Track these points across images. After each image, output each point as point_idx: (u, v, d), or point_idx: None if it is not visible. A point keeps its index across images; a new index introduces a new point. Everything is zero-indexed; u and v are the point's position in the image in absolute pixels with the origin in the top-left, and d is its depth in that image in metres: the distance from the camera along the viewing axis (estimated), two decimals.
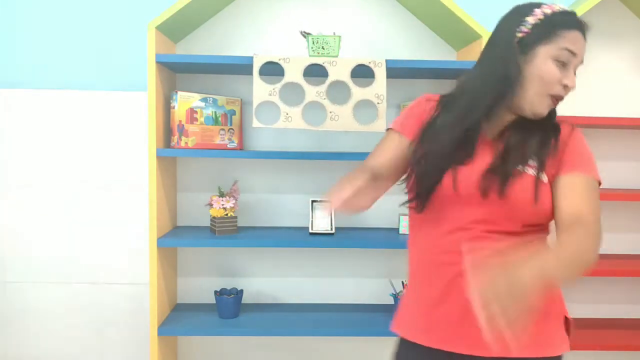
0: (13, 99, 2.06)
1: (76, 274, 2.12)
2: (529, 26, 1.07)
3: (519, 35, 1.08)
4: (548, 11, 1.07)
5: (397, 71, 1.90)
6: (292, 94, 1.94)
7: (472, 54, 1.86)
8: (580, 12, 1.81)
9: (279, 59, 1.75)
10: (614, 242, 2.15)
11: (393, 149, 1.16)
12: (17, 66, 2.08)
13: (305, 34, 1.83)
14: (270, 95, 1.76)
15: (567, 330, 1.14)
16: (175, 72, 2.04)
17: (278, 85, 1.76)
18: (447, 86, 2.09)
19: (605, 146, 2.12)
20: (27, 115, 2.07)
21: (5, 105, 2.06)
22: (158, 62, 1.79)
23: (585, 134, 2.11)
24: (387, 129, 1.21)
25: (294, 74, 1.75)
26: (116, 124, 2.08)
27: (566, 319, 1.14)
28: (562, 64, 1.04)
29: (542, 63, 1.04)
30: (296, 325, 1.91)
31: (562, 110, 2.08)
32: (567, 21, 1.05)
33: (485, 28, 1.77)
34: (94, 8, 2.07)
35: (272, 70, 1.81)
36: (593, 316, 2.18)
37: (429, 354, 1.12)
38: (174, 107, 1.86)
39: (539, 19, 1.06)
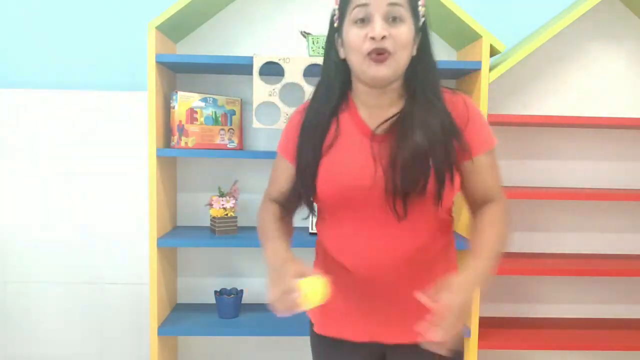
0: (13, 99, 2.06)
1: (76, 274, 2.12)
2: (336, 11, 1.08)
3: (335, 25, 1.08)
4: None
5: None
6: (292, 94, 1.94)
7: (472, 54, 1.86)
8: (580, 12, 1.81)
9: (279, 59, 1.75)
10: (614, 242, 2.15)
11: (285, 176, 1.20)
12: (17, 66, 2.08)
13: (305, 34, 1.83)
14: (270, 95, 1.76)
15: None
16: (175, 72, 2.04)
17: (278, 86, 1.76)
18: (447, 86, 2.09)
19: (605, 146, 2.12)
20: (27, 115, 2.07)
21: (5, 105, 2.06)
22: (158, 62, 1.79)
23: (586, 134, 2.11)
24: (277, 152, 1.23)
25: (294, 74, 1.75)
26: (116, 124, 2.08)
27: None
28: (362, 21, 1.01)
29: (347, 34, 1.03)
30: (296, 325, 1.91)
31: (562, 110, 2.09)
32: None
33: (485, 28, 1.77)
34: (94, 8, 2.07)
35: (272, 70, 1.81)
36: (592, 316, 2.18)
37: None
38: (174, 107, 1.86)
39: (339, 0, 1.07)
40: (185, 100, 1.86)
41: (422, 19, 1.06)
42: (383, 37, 0.98)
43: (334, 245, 1.16)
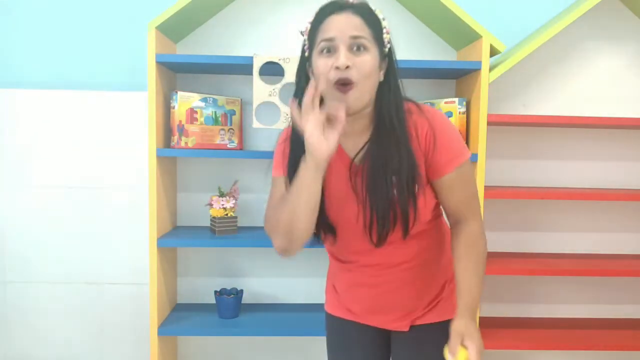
0: (13, 99, 2.06)
1: (76, 274, 2.12)
2: (305, 42, 1.13)
3: (306, 54, 1.13)
4: (311, 19, 1.11)
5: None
6: (292, 94, 1.93)
7: (472, 54, 1.86)
8: (580, 12, 1.81)
9: (279, 59, 1.75)
10: (614, 242, 2.15)
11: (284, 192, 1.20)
12: (17, 66, 2.08)
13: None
14: (270, 95, 1.76)
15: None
16: (175, 72, 2.04)
17: (278, 86, 1.76)
18: (447, 86, 2.09)
19: (605, 146, 2.12)
20: (27, 115, 2.07)
21: (5, 105, 2.06)
22: (158, 62, 1.78)
23: (586, 134, 2.11)
24: (273, 177, 1.25)
25: (294, 74, 1.75)
26: (116, 124, 2.08)
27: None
28: (328, 51, 1.06)
29: (315, 63, 1.08)
30: (296, 325, 1.91)
31: (562, 110, 2.09)
32: (319, 16, 1.08)
33: (485, 28, 1.77)
34: (94, 8, 2.07)
35: (272, 70, 1.81)
36: (592, 316, 2.18)
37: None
38: (174, 107, 1.86)
39: (308, 30, 1.11)
40: (185, 100, 1.86)
41: (388, 46, 1.11)
42: (347, 67, 1.03)
43: (336, 253, 1.28)
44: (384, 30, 1.10)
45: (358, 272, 1.25)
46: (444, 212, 1.24)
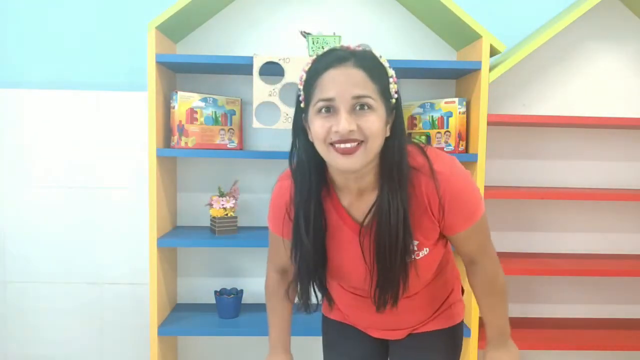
0: (13, 99, 2.06)
1: (76, 274, 2.12)
2: (300, 93, 1.02)
3: (302, 105, 1.02)
4: (307, 67, 0.99)
5: (397, 71, 1.87)
6: (292, 94, 1.93)
7: (472, 54, 1.86)
8: (580, 12, 1.81)
9: (279, 59, 1.75)
10: (614, 242, 2.15)
11: (284, 249, 1.15)
12: (17, 66, 2.08)
13: (305, 34, 1.83)
14: (270, 95, 1.76)
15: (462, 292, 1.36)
16: (175, 72, 2.04)
17: (278, 86, 1.76)
18: (447, 86, 2.09)
19: (605, 146, 2.12)
20: (28, 115, 2.07)
21: (6, 105, 2.06)
22: (158, 62, 1.78)
23: (587, 134, 2.11)
24: (270, 232, 1.21)
25: (294, 74, 1.75)
26: (116, 124, 2.08)
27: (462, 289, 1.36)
28: (327, 111, 0.95)
29: (312, 122, 0.97)
30: (296, 325, 1.91)
31: (562, 110, 2.09)
32: (317, 70, 0.96)
33: (485, 28, 1.77)
34: (94, 8, 2.07)
35: (272, 70, 1.81)
36: (592, 316, 2.17)
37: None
38: (174, 107, 1.86)
39: (303, 81, 1.00)
40: (185, 100, 1.85)
41: (395, 96, 1.01)
42: (351, 132, 0.93)
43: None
44: (391, 81, 1.00)
45: (360, 300, 1.21)
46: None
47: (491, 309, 1.16)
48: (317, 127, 0.95)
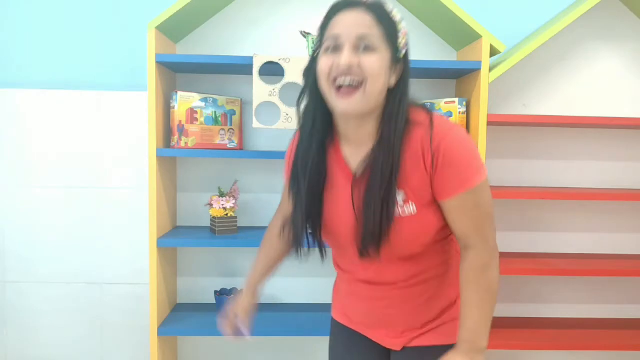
0: (13, 99, 2.06)
1: (76, 274, 2.12)
2: (317, 42, 1.07)
3: (316, 54, 1.07)
4: (322, 17, 1.06)
5: None
6: (292, 94, 1.93)
7: (472, 54, 1.86)
8: (580, 12, 1.81)
9: (279, 59, 1.75)
10: (614, 242, 2.15)
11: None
12: (17, 66, 2.08)
13: (305, 34, 1.83)
14: (270, 95, 1.76)
15: None
16: (175, 72, 2.04)
17: (278, 86, 1.76)
18: (447, 86, 2.09)
19: (605, 146, 2.12)
20: (27, 115, 2.07)
21: (5, 105, 2.06)
22: (158, 62, 1.79)
23: (586, 133, 2.11)
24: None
25: (294, 74, 1.75)
26: (116, 124, 2.08)
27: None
28: (334, 50, 1.01)
29: (319, 63, 1.03)
30: (296, 325, 1.91)
31: (562, 110, 2.09)
32: (329, 13, 1.04)
33: (485, 28, 1.77)
34: (94, 8, 2.07)
35: (272, 70, 1.81)
36: (593, 316, 2.18)
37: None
38: (174, 107, 1.86)
39: (318, 30, 1.07)
40: (185, 100, 1.86)
41: (403, 51, 1.05)
42: (350, 68, 0.97)
43: (337, 260, 1.27)
44: (400, 34, 1.03)
45: (354, 285, 1.20)
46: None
47: (470, 305, 1.05)
48: (322, 63, 1.01)
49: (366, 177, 1.05)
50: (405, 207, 1.04)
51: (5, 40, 2.07)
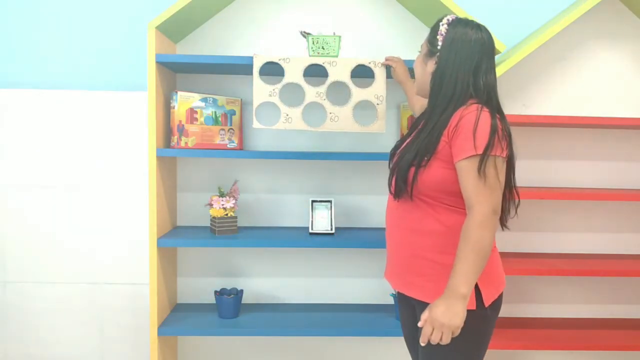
0: (13, 99, 2.06)
1: (76, 274, 2.12)
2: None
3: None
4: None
5: None
6: (292, 94, 1.94)
7: None
8: (580, 12, 1.81)
9: (279, 59, 1.75)
10: (614, 242, 2.15)
11: None
12: (17, 66, 2.08)
13: (305, 34, 1.82)
14: (270, 95, 1.76)
15: None
16: (175, 72, 2.04)
17: (278, 86, 1.76)
18: None
19: (605, 146, 2.12)
20: (27, 115, 2.07)
21: (5, 105, 2.06)
22: (158, 62, 1.79)
23: (586, 134, 2.11)
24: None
25: (294, 74, 1.75)
26: (116, 124, 2.08)
27: None
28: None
29: None
30: (296, 325, 1.91)
31: (563, 110, 2.09)
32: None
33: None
34: (94, 8, 2.07)
35: (272, 70, 1.81)
36: (592, 316, 2.18)
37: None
38: (174, 107, 1.86)
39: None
40: (185, 100, 1.86)
41: (439, 44, 1.32)
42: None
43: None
44: (439, 36, 1.33)
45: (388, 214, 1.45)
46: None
47: (457, 257, 1.21)
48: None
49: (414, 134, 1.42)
50: (425, 164, 1.30)
51: (5, 40, 2.07)
